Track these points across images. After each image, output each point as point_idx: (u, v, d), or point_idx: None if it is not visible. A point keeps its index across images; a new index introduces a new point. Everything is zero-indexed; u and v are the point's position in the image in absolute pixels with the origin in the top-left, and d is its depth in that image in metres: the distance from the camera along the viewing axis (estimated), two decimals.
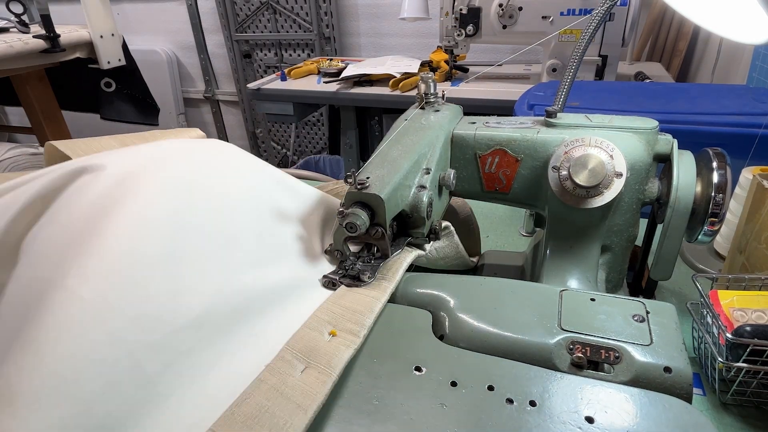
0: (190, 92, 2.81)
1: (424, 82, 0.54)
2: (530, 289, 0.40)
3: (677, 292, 0.59)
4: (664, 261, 0.46)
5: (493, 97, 1.50)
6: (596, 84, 1.27)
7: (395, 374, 0.33)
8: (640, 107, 0.86)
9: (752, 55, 1.29)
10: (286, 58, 2.46)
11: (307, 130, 2.65)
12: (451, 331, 0.37)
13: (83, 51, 1.37)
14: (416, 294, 0.40)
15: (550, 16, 1.40)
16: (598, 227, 0.47)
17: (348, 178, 0.39)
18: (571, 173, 0.44)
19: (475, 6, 1.45)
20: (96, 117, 1.58)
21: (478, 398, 0.30)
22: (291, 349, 0.33)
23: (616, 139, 0.45)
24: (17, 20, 1.27)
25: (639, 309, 0.36)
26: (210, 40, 2.59)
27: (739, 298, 0.45)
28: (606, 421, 0.28)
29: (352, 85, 1.67)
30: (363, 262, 0.41)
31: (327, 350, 0.32)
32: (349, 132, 1.80)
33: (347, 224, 0.38)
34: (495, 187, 0.51)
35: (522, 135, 0.48)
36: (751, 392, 0.43)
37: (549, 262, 0.49)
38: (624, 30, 1.38)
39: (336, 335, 0.34)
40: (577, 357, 0.33)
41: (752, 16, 0.43)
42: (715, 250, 0.64)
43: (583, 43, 0.49)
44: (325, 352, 0.32)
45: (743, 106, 0.81)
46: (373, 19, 2.29)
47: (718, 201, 0.42)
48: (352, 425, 0.29)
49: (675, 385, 0.31)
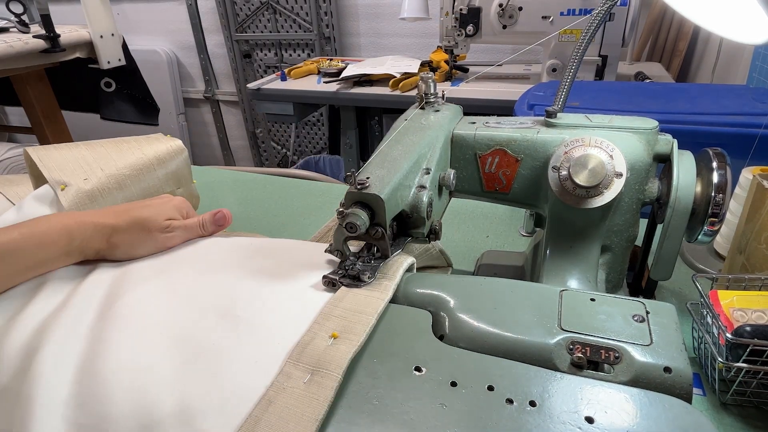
0: (190, 92, 2.81)
1: (424, 82, 0.54)
2: (530, 289, 0.40)
3: (677, 292, 0.59)
4: (664, 261, 0.46)
5: (493, 97, 1.51)
6: (596, 84, 1.27)
7: (395, 374, 0.33)
8: (640, 107, 0.86)
9: (752, 55, 1.29)
10: (286, 58, 2.46)
11: (307, 130, 2.65)
12: (451, 331, 0.37)
13: (83, 51, 1.37)
14: (416, 294, 0.40)
15: (550, 16, 1.40)
16: (598, 227, 0.47)
17: (348, 178, 0.39)
18: (571, 173, 0.44)
19: (475, 6, 1.45)
20: (96, 117, 1.58)
21: (478, 398, 0.30)
22: (294, 362, 0.32)
23: (616, 139, 0.45)
24: (17, 20, 1.27)
25: (639, 309, 0.36)
26: (210, 40, 2.59)
27: (739, 298, 0.45)
28: (606, 421, 0.28)
29: (352, 85, 1.67)
30: (363, 262, 0.41)
31: (331, 355, 0.32)
32: (349, 132, 1.81)
33: (347, 224, 0.38)
34: (495, 187, 0.51)
35: (522, 135, 0.48)
36: (751, 392, 0.43)
37: (549, 262, 0.49)
38: (624, 30, 1.38)
39: (337, 337, 0.34)
40: (577, 357, 0.33)
41: (752, 16, 0.43)
42: (715, 250, 0.64)
43: (583, 43, 0.49)
44: (330, 357, 0.32)
45: (743, 106, 0.81)
46: (373, 19, 2.29)
47: (718, 201, 0.42)
48: (352, 425, 0.29)
49: (675, 385, 0.31)
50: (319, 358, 0.32)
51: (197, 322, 0.36)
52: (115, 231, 0.44)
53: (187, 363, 0.32)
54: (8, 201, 0.57)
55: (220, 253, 0.45)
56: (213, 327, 0.35)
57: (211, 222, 0.51)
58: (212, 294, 0.39)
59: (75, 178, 0.53)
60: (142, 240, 0.45)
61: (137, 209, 0.46)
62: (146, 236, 0.45)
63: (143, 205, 0.48)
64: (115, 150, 0.58)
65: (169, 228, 0.47)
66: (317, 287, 0.40)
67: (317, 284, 0.40)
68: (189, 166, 0.64)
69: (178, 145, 0.62)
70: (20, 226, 0.40)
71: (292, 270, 0.41)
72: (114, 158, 0.57)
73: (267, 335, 0.34)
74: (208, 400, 0.30)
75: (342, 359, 0.31)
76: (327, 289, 0.40)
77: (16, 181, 0.60)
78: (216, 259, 0.44)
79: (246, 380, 0.31)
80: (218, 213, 0.51)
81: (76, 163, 0.55)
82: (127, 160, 0.57)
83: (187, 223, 0.49)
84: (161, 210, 0.47)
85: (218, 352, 0.33)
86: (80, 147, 0.57)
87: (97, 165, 0.55)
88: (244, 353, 0.33)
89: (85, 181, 0.53)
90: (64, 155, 0.56)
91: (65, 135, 1.57)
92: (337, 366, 0.31)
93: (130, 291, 0.39)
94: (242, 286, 0.40)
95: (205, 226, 0.50)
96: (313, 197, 0.90)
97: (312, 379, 0.30)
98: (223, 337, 0.34)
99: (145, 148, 0.60)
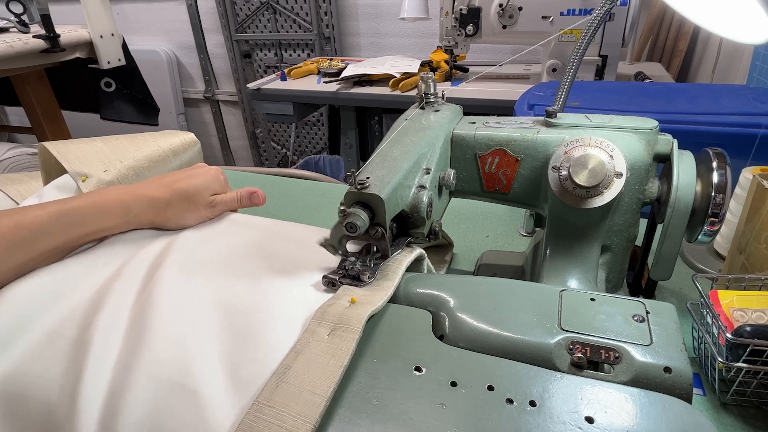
0: (190, 92, 2.81)
1: (424, 82, 0.54)
2: (530, 289, 0.40)
3: (677, 292, 0.59)
4: (664, 261, 0.46)
5: (493, 97, 1.51)
6: (596, 84, 1.27)
7: (395, 374, 0.33)
8: (640, 107, 0.86)
9: (752, 55, 1.29)
10: (286, 58, 2.46)
11: (307, 130, 2.65)
12: (451, 331, 0.37)
13: (83, 51, 1.37)
14: (416, 294, 0.40)
15: (550, 16, 1.40)
16: (598, 227, 0.47)
17: (348, 178, 0.39)
18: (571, 173, 0.44)
19: (475, 6, 1.45)
20: (96, 117, 1.58)
21: (478, 398, 0.30)
22: (318, 320, 0.36)
23: (616, 139, 0.45)
24: (17, 20, 1.27)
25: (639, 309, 0.36)
26: (210, 40, 2.59)
27: (739, 298, 0.45)
28: (606, 421, 0.28)
29: (352, 85, 1.67)
30: (363, 263, 0.41)
31: (350, 314, 0.36)
32: (349, 132, 1.81)
33: (347, 224, 0.38)
34: (495, 187, 0.51)
35: (522, 135, 0.48)
36: (751, 392, 0.43)
37: (549, 262, 0.49)
38: (624, 30, 1.38)
39: (356, 302, 0.37)
40: (577, 357, 0.33)
41: (752, 16, 0.43)
42: (715, 250, 0.64)
43: (583, 43, 0.49)
44: (350, 316, 0.35)
45: (743, 106, 0.81)
46: (373, 19, 2.29)
47: (718, 201, 0.42)
48: (352, 425, 0.29)
49: (675, 385, 0.31)
50: (339, 316, 0.35)
51: (234, 289, 0.40)
52: (168, 205, 0.49)
53: (225, 322, 0.36)
54: (10, 199, 0.57)
55: (252, 232, 0.50)
56: (247, 293, 0.39)
57: (248, 199, 0.55)
58: (246, 267, 0.43)
59: (95, 169, 0.55)
60: (189, 213, 0.50)
61: (184, 181, 0.51)
62: (193, 210, 0.51)
63: (189, 176, 0.52)
64: (131, 143, 0.60)
65: (212, 203, 0.52)
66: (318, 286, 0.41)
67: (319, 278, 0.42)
68: (202, 158, 0.67)
69: (192, 138, 0.65)
70: (82, 196, 0.45)
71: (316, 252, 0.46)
72: (131, 150, 0.59)
73: (293, 302, 0.39)
74: (245, 351, 0.34)
75: (361, 316, 0.35)
76: (327, 289, 0.40)
77: (18, 179, 0.61)
78: (250, 237, 0.49)
79: (276, 336, 0.35)
80: (255, 193, 0.56)
81: (94, 156, 0.57)
82: (144, 153, 0.60)
83: (226, 200, 0.53)
84: (207, 184, 0.52)
85: (251, 314, 0.37)
86: (97, 141, 0.59)
87: (116, 157, 0.57)
88: (273, 316, 0.37)
89: (105, 173, 0.56)
90: (82, 148, 0.57)
91: (65, 135, 1.57)
92: (356, 322, 0.34)
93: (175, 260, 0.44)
94: (272, 262, 0.44)
95: (242, 201, 0.55)
96: (313, 197, 0.90)
97: (334, 333, 0.34)
98: (255, 302, 0.38)
99: (160, 141, 0.62)
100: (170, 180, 0.51)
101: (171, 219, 0.49)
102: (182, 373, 0.32)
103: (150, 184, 0.50)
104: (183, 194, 0.49)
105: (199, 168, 0.55)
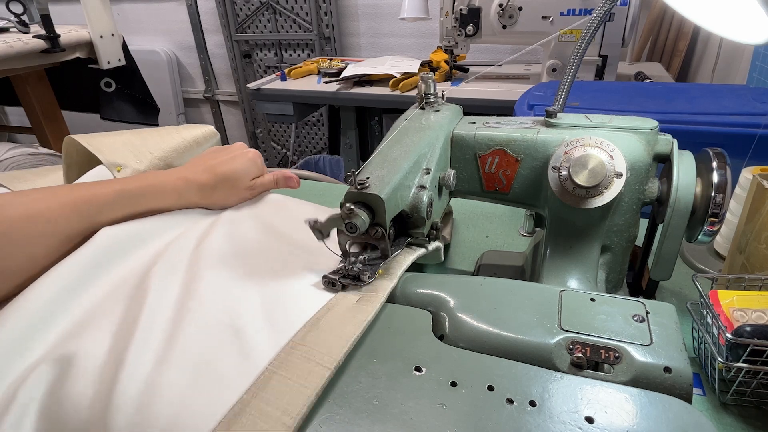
0: (190, 92, 2.81)
1: (424, 82, 0.54)
2: (530, 289, 0.40)
3: (677, 292, 0.59)
4: (664, 261, 0.46)
5: (493, 97, 1.50)
6: (596, 84, 1.27)
7: (395, 374, 0.33)
8: (640, 107, 0.86)
9: (752, 55, 1.29)
10: (286, 58, 2.46)
11: (307, 130, 2.65)
12: (451, 331, 0.37)
13: (83, 51, 1.37)
14: (416, 294, 0.40)
15: (550, 16, 1.40)
16: (598, 227, 0.47)
17: (348, 178, 0.39)
18: (571, 173, 0.44)
19: (475, 6, 1.45)
20: (96, 117, 1.58)
21: (478, 398, 0.30)
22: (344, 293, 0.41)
23: (616, 139, 0.45)
24: (17, 20, 1.27)
25: (639, 309, 0.36)
26: (210, 40, 2.59)
27: (739, 298, 0.45)
28: (606, 421, 0.28)
29: (352, 85, 1.67)
30: (363, 263, 0.41)
31: (375, 285, 0.40)
32: (349, 132, 1.81)
33: (347, 225, 0.38)
34: (495, 187, 0.51)
35: (522, 135, 0.48)
36: (751, 392, 0.43)
37: (549, 262, 0.49)
38: (624, 30, 1.38)
39: (382, 273, 0.42)
40: (577, 357, 0.33)
41: (752, 16, 0.43)
42: (715, 250, 0.64)
43: (583, 43, 0.49)
44: (374, 286, 0.40)
45: (743, 106, 0.81)
46: (373, 19, 2.29)
47: (718, 201, 0.42)
48: (352, 425, 0.29)
49: (675, 385, 0.31)
50: (366, 288, 0.40)
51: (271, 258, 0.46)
52: (213, 189, 0.54)
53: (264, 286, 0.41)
54: None
55: (289, 212, 0.57)
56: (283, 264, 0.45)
57: (284, 182, 0.60)
58: (281, 242, 0.49)
59: (128, 160, 0.58)
60: (231, 196, 0.56)
61: (227, 165, 0.55)
62: (235, 193, 0.56)
63: (230, 159, 0.56)
64: (156, 135, 0.63)
65: (252, 187, 0.57)
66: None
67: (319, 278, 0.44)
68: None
69: (212, 130, 0.69)
70: (139, 178, 0.50)
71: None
72: (158, 142, 0.61)
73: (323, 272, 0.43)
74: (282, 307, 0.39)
75: (385, 288, 0.40)
76: (327, 288, 0.40)
77: (22, 177, 0.62)
78: (286, 216, 0.55)
79: (310, 296, 0.40)
80: (291, 177, 0.61)
81: (125, 147, 0.58)
82: (170, 144, 0.62)
83: (265, 182, 0.59)
84: (246, 169, 0.56)
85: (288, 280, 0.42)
86: (125, 134, 0.61)
87: (145, 148, 0.60)
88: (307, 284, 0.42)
89: (139, 163, 0.58)
90: (112, 140, 0.59)
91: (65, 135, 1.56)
92: (382, 290, 0.39)
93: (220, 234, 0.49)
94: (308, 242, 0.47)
95: (278, 183, 0.60)
96: (313, 197, 0.90)
97: (362, 298, 0.39)
98: (290, 273, 0.43)
99: (183, 133, 0.65)
100: (214, 164, 0.55)
101: (216, 202, 0.55)
102: (230, 315, 0.37)
103: (195, 169, 0.54)
104: (226, 179, 0.54)
105: (239, 150, 0.58)
